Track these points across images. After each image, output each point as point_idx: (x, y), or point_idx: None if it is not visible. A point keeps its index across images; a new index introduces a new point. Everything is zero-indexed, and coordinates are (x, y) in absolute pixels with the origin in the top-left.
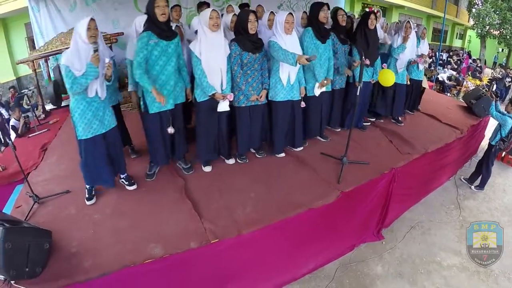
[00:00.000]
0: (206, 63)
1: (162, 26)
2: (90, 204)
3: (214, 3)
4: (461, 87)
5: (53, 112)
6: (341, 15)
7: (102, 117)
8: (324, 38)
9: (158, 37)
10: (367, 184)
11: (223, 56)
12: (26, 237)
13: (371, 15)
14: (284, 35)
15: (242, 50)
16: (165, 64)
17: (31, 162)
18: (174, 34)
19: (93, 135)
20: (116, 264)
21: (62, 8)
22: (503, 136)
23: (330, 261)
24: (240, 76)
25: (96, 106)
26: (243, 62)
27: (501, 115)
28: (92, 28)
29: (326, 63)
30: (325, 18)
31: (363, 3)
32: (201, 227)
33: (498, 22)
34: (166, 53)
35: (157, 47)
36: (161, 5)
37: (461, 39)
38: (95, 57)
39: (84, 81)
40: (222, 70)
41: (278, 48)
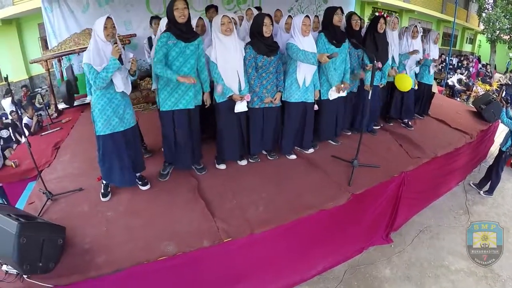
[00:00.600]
0: (223, 66)
1: (182, 28)
2: (105, 200)
3: (225, 6)
4: (471, 92)
5: (65, 111)
6: (355, 20)
7: (122, 115)
8: (339, 43)
9: (177, 38)
10: (377, 187)
11: (239, 58)
12: (41, 233)
13: (380, 19)
14: (301, 37)
15: (256, 53)
16: (181, 65)
17: (44, 159)
18: (194, 36)
19: (112, 131)
20: (129, 261)
21: (75, 8)
22: None
23: (339, 263)
24: (254, 79)
25: (117, 103)
26: (258, 65)
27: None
28: (109, 26)
29: (342, 67)
30: (339, 22)
31: (373, 7)
32: (214, 226)
33: (509, 27)
34: (184, 55)
35: (175, 47)
36: (180, 7)
37: (471, 43)
38: (115, 49)
39: (105, 74)
40: (239, 72)
41: (297, 49)
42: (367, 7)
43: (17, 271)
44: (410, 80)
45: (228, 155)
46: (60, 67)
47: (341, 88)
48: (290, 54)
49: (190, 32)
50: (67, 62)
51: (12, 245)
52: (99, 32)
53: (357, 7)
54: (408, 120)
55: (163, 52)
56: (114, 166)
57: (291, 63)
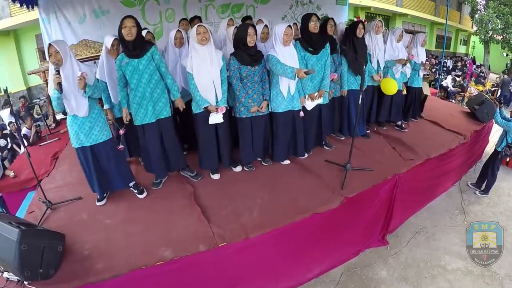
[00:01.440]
0: (198, 76)
1: (129, 46)
2: (100, 205)
3: (220, 15)
4: (465, 93)
5: (63, 122)
6: (330, 25)
7: (89, 131)
8: (315, 50)
9: (128, 57)
10: (370, 189)
11: (215, 68)
12: (41, 240)
13: (359, 24)
14: (283, 47)
15: (240, 64)
16: (138, 82)
17: (43, 169)
18: (144, 49)
19: (80, 146)
20: (128, 266)
21: (72, 20)
22: (509, 142)
23: (335, 266)
24: (239, 89)
25: (81, 120)
26: (242, 75)
27: (506, 121)
28: (52, 53)
29: (320, 74)
30: (315, 29)
31: (366, 12)
32: (210, 231)
33: (501, 27)
34: (138, 71)
35: (128, 66)
36: (128, 26)
37: (465, 45)
38: (55, 78)
39: (54, 103)
40: (215, 82)
41: (276, 62)
42: (360, 12)
43: (18, 277)
44: (395, 83)
45: (208, 164)
46: None
47: (314, 97)
48: (270, 66)
49: (138, 47)
50: None
51: (13, 251)
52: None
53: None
54: (401, 123)
55: (119, 75)
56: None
57: (273, 74)
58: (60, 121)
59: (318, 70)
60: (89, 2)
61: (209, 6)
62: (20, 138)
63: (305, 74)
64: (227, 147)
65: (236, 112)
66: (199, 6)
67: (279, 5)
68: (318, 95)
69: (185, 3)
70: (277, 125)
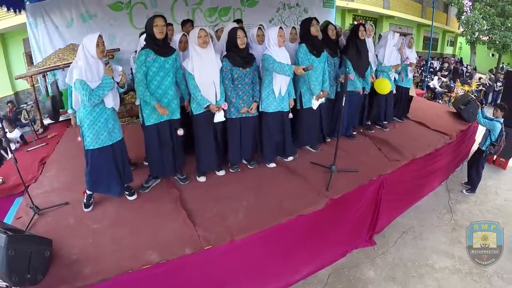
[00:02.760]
0: (199, 77)
1: (159, 43)
2: (87, 211)
3: (207, 18)
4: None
5: (51, 127)
6: (331, 29)
7: (111, 129)
8: (318, 53)
9: (156, 53)
10: (355, 190)
11: (215, 69)
12: (28, 245)
13: (360, 27)
14: (277, 48)
15: (232, 65)
16: (162, 79)
17: (31, 175)
18: (171, 51)
19: (101, 146)
20: (115, 270)
21: (59, 24)
22: (493, 140)
23: (323, 267)
24: (231, 90)
25: (106, 117)
26: (234, 76)
27: (488, 121)
28: (101, 44)
29: (321, 76)
30: (317, 32)
31: (353, 15)
32: (195, 234)
33: (487, 28)
34: (164, 69)
35: (154, 63)
36: (159, 24)
37: (452, 46)
38: (109, 69)
39: (102, 92)
40: (215, 82)
41: (273, 61)
42: (347, 15)
43: (6, 283)
44: (389, 83)
45: (206, 165)
46: (45, 82)
47: (320, 96)
48: (266, 66)
49: (167, 47)
50: (52, 78)
51: (1, 257)
52: (91, 49)
53: (337, 15)
54: (383, 122)
55: (143, 71)
56: (101, 178)
57: (267, 74)
58: (47, 126)
59: (320, 72)
60: (77, 6)
61: (196, 10)
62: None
63: (303, 71)
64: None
65: (226, 113)
66: (186, 9)
67: (266, 8)
68: (322, 95)
69: (172, 7)
70: (266, 125)
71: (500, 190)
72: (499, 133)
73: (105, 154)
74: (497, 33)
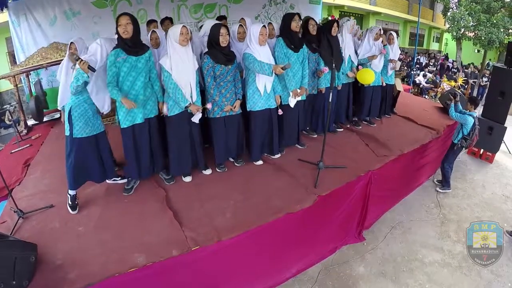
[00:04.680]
0: (177, 76)
1: (128, 43)
2: (73, 213)
3: (193, 15)
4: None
5: (35, 127)
6: (311, 24)
7: (95, 120)
8: (296, 48)
9: (127, 53)
10: (343, 187)
11: (192, 70)
12: (13, 251)
13: (334, 24)
14: (258, 47)
15: (214, 62)
16: (134, 79)
17: (15, 177)
18: (144, 49)
19: (88, 135)
20: (101, 274)
21: (42, 22)
22: (465, 134)
23: (312, 264)
24: (213, 88)
25: (93, 110)
26: (216, 74)
27: (461, 115)
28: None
29: (300, 72)
30: (296, 28)
31: (340, 11)
32: (182, 235)
33: (473, 24)
34: (136, 69)
35: (125, 63)
36: (122, 23)
37: (438, 42)
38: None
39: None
40: (192, 83)
41: (254, 60)
42: (334, 11)
43: None
44: (372, 72)
45: (178, 170)
46: (29, 82)
47: (297, 93)
48: (247, 65)
49: (138, 45)
50: (35, 77)
51: None
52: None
53: (324, 11)
54: (370, 118)
55: (113, 72)
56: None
57: (250, 72)
58: (31, 127)
59: (298, 68)
60: (60, 4)
61: (181, 6)
62: None
63: (282, 70)
64: (201, 149)
65: (210, 113)
66: (171, 6)
67: (252, 5)
68: (300, 92)
69: (157, 3)
70: (254, 124)
71: (487, 184)
72: (471, 127)
73: (90, 143)
74: (483, 29)
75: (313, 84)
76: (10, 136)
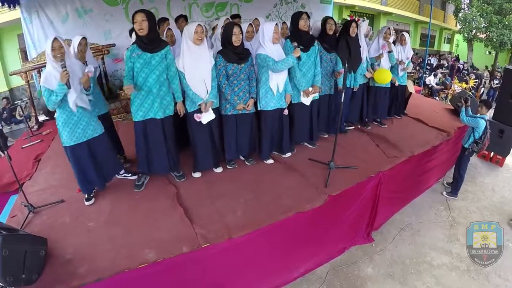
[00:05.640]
0: (190, 75)
1: (143, 39)
2: (88, 204)
3: (204, 13)
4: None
5: (46, 123)
6: (329, 24)
7: (85, 126)
8: (305, 47)
9: (142, 50)
10: (354, 187)
11: (207, 67)
12: (23, 245)
13: (352, 23)
14: (271, 45)
15: (226, 61)
16: (147, 76)
17: (25, 172)
18: (160, 46)
19: (75, 143)
20: (111, 269)
21: (54, 19)
22: (477, 138)
23: (321, 264)
24: (225, 86)
25: (79, 115)
26: (228, 73)
27: (472, 118)
28: (57, 48)
29: (311, 71)
30: (305, 27)
31: (351, 11)
32: (193, 232)
33: (485, 26)
34: (149, 65)
35: (139, 59)
36: (138, 21)
37: (449, 43)
38: (63, 74)
39: (55, 98)
40: (206, 80)
41: (273, 61)
42: (345, 10)
43: (1, 283)
44: (388, 71)
45: (203, 164)
46: (40, 78)
47: (309, 92)
48: (267, 67)
49: (155, 42)
50: None
51: None
52: (48, 53)
53: (335, 11)
54: (380, 119)
55: (128, 67)
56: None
57: (263, 72)
58: (42, 123)
59: (309, 66)
60: (72, 1)
61: (193, 5)
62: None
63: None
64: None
65: (222, 109)
66: (183, 5)
67: (263, 4)
68: (313, 90)
69: (169, 1)
70: (265, 124)
71: (497, 187)
72: (483, 131)
73: (81, 150)
74: (494, 31)
75: (330, 84)
76: (21, 131)
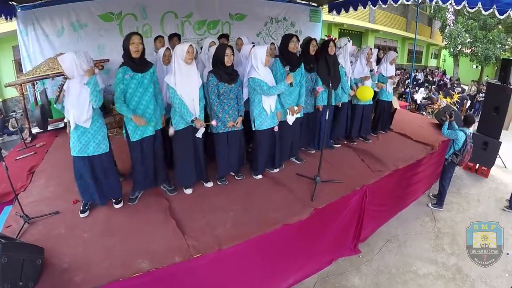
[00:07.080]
0: (180, 93)
1: (136, 61)
2: (83, 216)
3: (196, 31)
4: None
5: (39, 136)
6: (313, 45)
7: (87, 142)
8: (293, 67)
9: (134, 71)
10: (339, 200)
11: (195, 86)
12: (21, 253)
13: (330, 43)
14: (263, 68)
15: (218, 81)
16: (142, 95)
17: (20, 184)
18: (148, 66)
19: (78, 155)
20: (106, 278)
21: (50, 33)
22: (456, 150)
23: (309, 275)
24: (217, 105)
25: (82, 130)
26: (220, 92)
27: (452, 131)
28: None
29: (296, 90)
30: (294, 49)
31: (339, 29)
32: (184, 243)
33: (470, 41)
34: (142, 85)
35: (133, 80)
36: (135, 42)
37: (436, 58)
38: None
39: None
40: (195, 99)
41: (267, 86)
42: (334, 29)
43: None
44: (371, 89)
45: (184, 181)
46: (34, 91)
47: (294, 110)
48: (261, 91)
49: (144, 63)
50: (41, 86)
51: None
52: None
53: (324, 29)
54: (365, 135)
55: (121, 89)
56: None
57: (255, 94)
58: (36, 135)
59: (294, 87)
60: (68, 15)
61: (185, 23)
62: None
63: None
64: (205, 163)
65: (213, 128)
66: (176, 22)
67: (254, 22)
68: (297, 110)
69: (162, 19)
70: (260, 142)
71: (482, 198)
72: (463, 143)
73: (83, 163)
74: (479, 46)
75: (310, 103)
76: (13, 143)
